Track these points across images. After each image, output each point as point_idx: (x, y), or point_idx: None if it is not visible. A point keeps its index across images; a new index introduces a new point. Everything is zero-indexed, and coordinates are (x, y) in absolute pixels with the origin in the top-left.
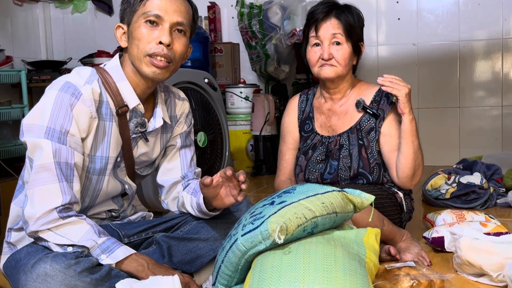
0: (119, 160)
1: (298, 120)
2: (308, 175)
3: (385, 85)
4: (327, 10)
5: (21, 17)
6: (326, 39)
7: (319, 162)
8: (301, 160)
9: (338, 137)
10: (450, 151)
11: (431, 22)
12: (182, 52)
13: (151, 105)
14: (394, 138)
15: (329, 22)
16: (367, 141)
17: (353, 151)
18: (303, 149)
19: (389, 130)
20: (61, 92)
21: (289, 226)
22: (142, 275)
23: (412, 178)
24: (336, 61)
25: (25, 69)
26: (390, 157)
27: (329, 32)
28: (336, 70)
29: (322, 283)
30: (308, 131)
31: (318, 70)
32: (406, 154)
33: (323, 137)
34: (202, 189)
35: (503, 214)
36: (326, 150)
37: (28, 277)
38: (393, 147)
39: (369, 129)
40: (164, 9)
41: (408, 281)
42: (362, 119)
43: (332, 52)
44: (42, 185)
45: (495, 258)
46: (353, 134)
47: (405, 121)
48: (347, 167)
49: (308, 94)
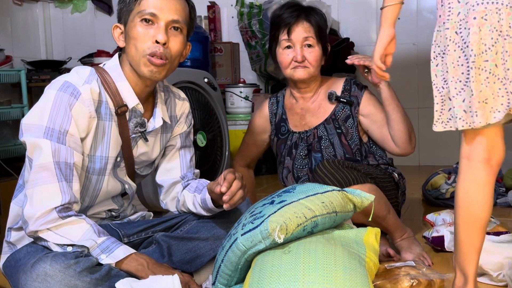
0: (118, 160)
1: (272, 125)
2: (297, 173)
3: (355, 61)
4: (297, 14)
5: (21, 16)
6: (298, 42)
7: (304, 158)
8: (287, 162)
9: (315, 130)
10: (450, 151)
11: (431, 22)
12: (179, 50)
13: (150, 105)
14: (378, 114)
15: (301, 26)
16: (345, 129)
17: (333, 140)
18: (285, 151)
19: (369, 110)
20: (60, 92)
21: (289, 225)
22: (142, 275)
23: (410, 141)
24: (308, 62)
25: (24, 69)
26: (383, 133)
27: (301, 35)
28: (309, 71)
29: (322, 283)
30: (284, 133)
31: (291, 71)
32: (397, 119)
33: (301, 133)
34: (211, 194)
35: (503, 213)
36: (307, 144)
37: (27, 276)
38: (381, 123)
39: (346, 117)
40: (159, 7)
41: (408, 281)
42: (336, 110)
43: (304, 54)
44: (42, 185)
45: (495, 258)
46: (330, 125)
47: (384, 88)
48: (332, 156)
49: (277, 97)
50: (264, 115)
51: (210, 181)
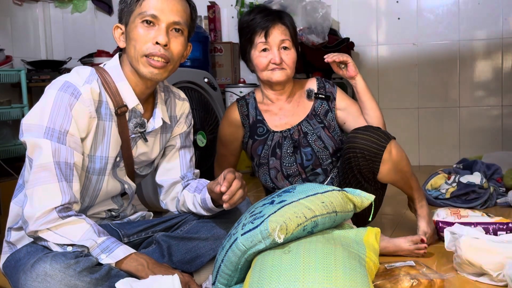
0: (118, 160)
1: (245, 127)
2: (287, 171)
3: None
4: (272, 17)
5: (21, 16)
6: (275, 45)
7: (291, 156)
8: (272, 162)
9: (298, 126)
10: (450, 150)
11: (431, 22)
12: (180, 51)
13: (150, 105)
14: (353, 106)
15: (277, 28)
16: (327, 122)
17: (320, 133)
18: (266, 153)
19: (345, 103)
20: (60, 92)
21: (289, 225)
22: (142, 275)
23: (384, 126)
24: (286, 64)
25: (24, 69)
26: (358, 123)
27: (278, 38)
28: (286, 73)
29: (322, 282)
30: (262, 133)
31: (269, 74)
32: (372, 107)
33: (283, 132)
34: (211, 193)
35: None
36: (292, 141)
37: (27, 276)
38: (356, 114)
39: (325, 112)
40: (160, 8)
41: (408, 281)
42: (315, 106)
43: (282, 56)
44: (42, 185)
45: (495, 258)
46: (312, 120)
47: (359, 81)
48: (323, 148)
49: (246, 99)
50: (234, 121)
51: (210, 181)
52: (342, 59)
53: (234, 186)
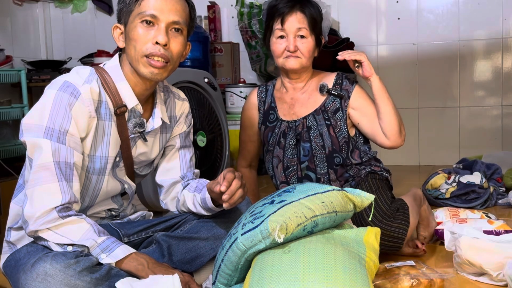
0: (117, 159)
1: (260, 112)
2: (287, 162)
3: (346, 57)
4: (292, 4)
5: (21, 16)
6: (291, 32)
7: (293, 148)
8: (276, 151)
9: (304, 120)
10: (450, 150)
11: (431, 21)
12: (180, 51)
13: (150, 105)
14: (368, 107)
15: (294, 16)
16: (334, 121)
17: (322, 131)
18: (273, 140)
19: (359, 103)
20: (60, 92)
21: (289, 225)
22: (142, 274)
23: (400, 133)
24: (301, 53)
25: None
26: (373, 125)
27: (294, 25)
28: (300, 61)
29: (322, 282)
30: (273, 120)
31: (283, 61)
32: (387, 112)
33: (289, 122)
34: (211, 193)
35: (503, 213)
36: (295, 133)
37: (28, 276)
38: (372, 116)
39: (335, 110)
40: (160, 8)
41: (408, 280)
42: (326, 101)
43: (297, 44)
44: (42, 185)
45: (495, 257)
46: (319, 115)
47: (375, 82)
48: (320, 146)
49: (267, 85)
50: (252, 104)
51: (210, 181)
52: (356, 57)
53: (233, 186)
